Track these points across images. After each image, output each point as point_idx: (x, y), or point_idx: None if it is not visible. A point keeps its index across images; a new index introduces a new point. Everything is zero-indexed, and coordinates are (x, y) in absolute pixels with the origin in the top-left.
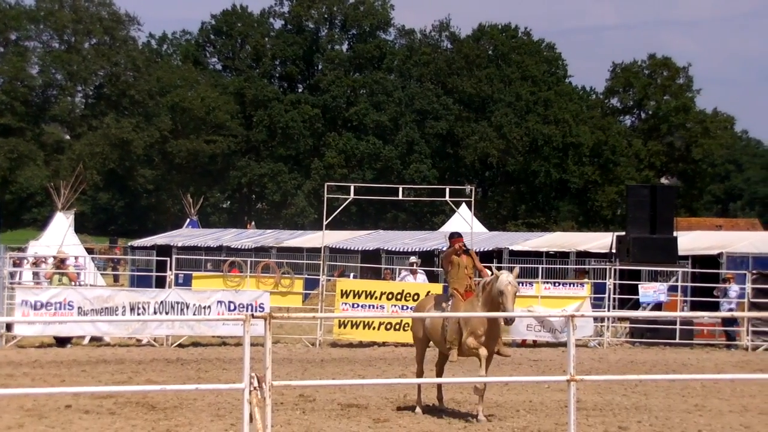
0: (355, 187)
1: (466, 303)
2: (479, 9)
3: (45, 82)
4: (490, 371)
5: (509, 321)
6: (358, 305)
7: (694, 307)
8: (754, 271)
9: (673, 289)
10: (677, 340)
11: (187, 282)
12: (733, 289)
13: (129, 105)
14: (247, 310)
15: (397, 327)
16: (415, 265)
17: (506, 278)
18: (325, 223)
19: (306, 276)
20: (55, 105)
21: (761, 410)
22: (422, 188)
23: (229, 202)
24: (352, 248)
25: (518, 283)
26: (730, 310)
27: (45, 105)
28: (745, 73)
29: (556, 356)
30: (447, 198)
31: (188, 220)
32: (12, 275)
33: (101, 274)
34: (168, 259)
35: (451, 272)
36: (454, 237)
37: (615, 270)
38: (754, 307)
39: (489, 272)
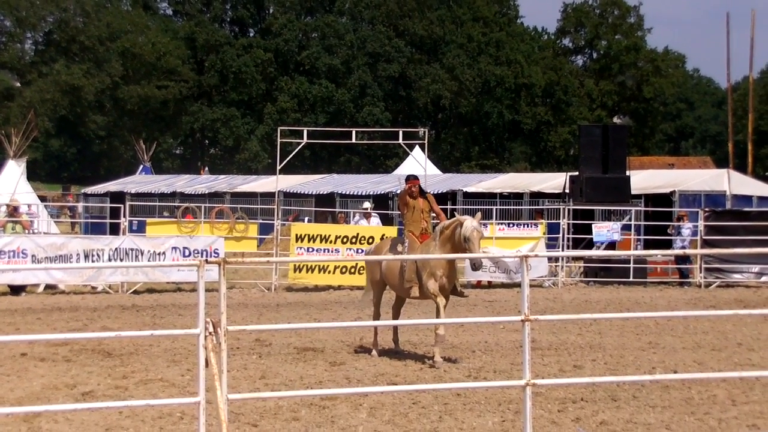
0: (308, 131)
1: (422, 245)
2: None
3: None
4: (446, 313)
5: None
6: (312, 249)
7: (648, 245)
8: (706, 209)
9: (626, 228)
10: (631, 279)
11: (141, 228)
12: (686, 227)
13: (79, 51)
14: (201, 256)
15: (353, 270)
16: (369, 208)
17: (471, 224)
18: (278, 167)
19: (260, 221)
20: (3, 52)
21: (714, 346)
22: (375, 131)
23: (181, 148)
24: (306, 192)
25: (482, 227)
26: (683, 248)
27: None
28: (695, 11)
29: (510, 297)
30: (400, 141)
31: (141, 166)
32: None
33: (55, 221)
34: (121, 205)
35: (406, 215)
36: (410, 179)
37: (568, 210)
38: (706, 244)
39: (445, 216)
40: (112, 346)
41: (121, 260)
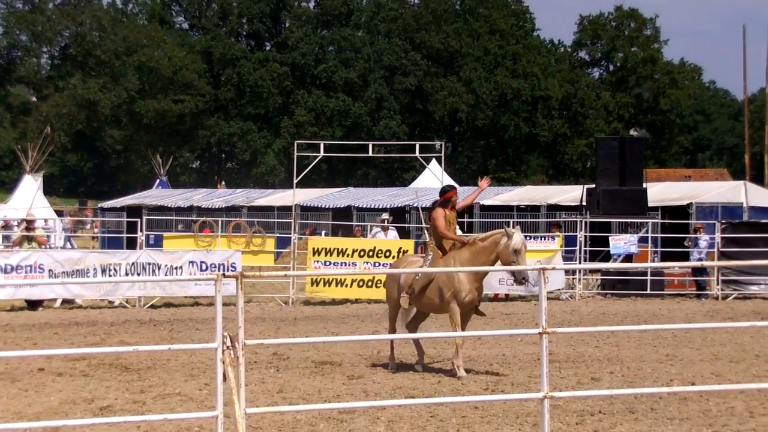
0: (324, 144)
1: (443, 259)
2: None
3: (9, 43)
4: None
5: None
6: (330, 263)
7: (665, 257)
8: (723, 221)
9: (643, 240)
10: (648, 291)
11: (158, 243)
12: (703, 239)
13: (95, 65)
14: (218, 270)
15: (370, 284)
16: (386, 221)
17: (520, 237)
18: (295, 181)
19: (277, 234)
20: (20, 66)
21: (732, 358)
22: (392, 144)
23: (198, 162)
24: (323, 206)
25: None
26: (700, 260)
27: (10, 66)
28: (711, 23)
29: (528, 309)
30: (417, 154)
31: (158, 180)
32: None
33: (71, 236)
34: (138, 220)
35: (442, 229)
36: (451, 190)
37: (585, 222)
38: (723, 256)
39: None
40: (130, 360)
41: (138, 274)
